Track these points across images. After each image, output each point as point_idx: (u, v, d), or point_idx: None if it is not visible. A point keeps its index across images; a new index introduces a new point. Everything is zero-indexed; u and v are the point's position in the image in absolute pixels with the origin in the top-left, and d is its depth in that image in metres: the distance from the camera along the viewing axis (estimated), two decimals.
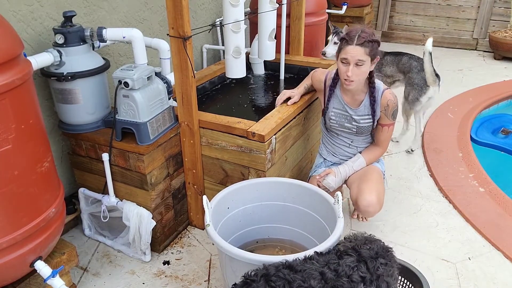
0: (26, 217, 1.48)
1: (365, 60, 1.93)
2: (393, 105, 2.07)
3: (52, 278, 1.58)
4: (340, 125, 2.16)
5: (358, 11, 5.28)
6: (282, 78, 2.88)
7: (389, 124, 2.13)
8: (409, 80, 2.98)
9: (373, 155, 2.21)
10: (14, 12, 1.94)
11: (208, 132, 2.11)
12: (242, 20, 2.02)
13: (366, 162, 2.20)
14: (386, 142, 2.20)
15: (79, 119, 2.02)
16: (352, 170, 2.19)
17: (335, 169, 2.19)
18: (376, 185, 2.10)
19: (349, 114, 2.11)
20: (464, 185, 2.72)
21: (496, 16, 5.52)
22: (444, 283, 2.01)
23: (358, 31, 1.93)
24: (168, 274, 2.08)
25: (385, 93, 2.06)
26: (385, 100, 2.05)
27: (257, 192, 1.99)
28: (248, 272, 1.34)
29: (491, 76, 4.70)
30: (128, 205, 2.07)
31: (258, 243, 2.11)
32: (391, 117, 2.10)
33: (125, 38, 1.94)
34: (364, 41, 1.90)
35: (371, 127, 2.13)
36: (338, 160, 2.27)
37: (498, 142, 3.33)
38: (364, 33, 1.92)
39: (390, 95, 2.06)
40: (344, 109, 2.12)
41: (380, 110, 2.08)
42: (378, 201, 2.06)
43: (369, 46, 1.92)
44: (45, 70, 1.91)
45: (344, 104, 2.11)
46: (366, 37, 1.90)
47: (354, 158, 2.22)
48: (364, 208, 2.05)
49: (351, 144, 2.20)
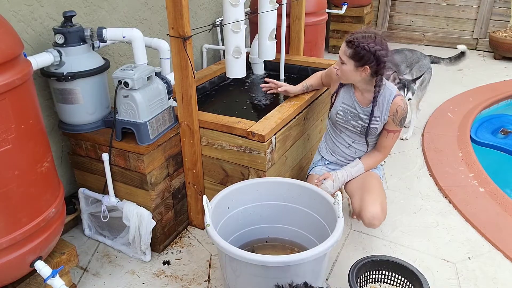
0: (26, 217, 1.48)
1: (345, 61, 1.91)
2: (402, 111, 2.01)
3: (52, 278, 1.58)
4: (346, 121, 2.11)
5: (358, 11, 5.28)
6: (282, 78, 2.88)
7: (394, 130, 2.07)
8: (420, 68, 3.29)
9: (372, 160, 2.16)
10: (14, 12, 1.94)
11: (208, 132, 2.11)
12: (242, 20, 2.02)
13: (365, 168, 2.15)
14: (388, 149, 2.14)
15: (79, 119, 2.02)
16: (350, 175, 2.15)
17: (333, 173, 2.15)
18: (379, 195, 2.05)
19: (357, 111, 2.07)
20: (464, 185, 2.72)
21: (496, 16, 5.52)
22: (444, 283, 2.01)
23: (361, 32, 1.88)
24: (168, 274, 2.08)
25: (396, 98, 1.99)
26: (395, 106, 1.99)
27: (257, 192, 1.99)
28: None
29: (491, 76, 4.69)
30: (128, 205, 2.07)
31: (258, 243, 2.11)
32: (398, 124, 2.04)
33: (125, 38, 1.94)
34: (353, 43, 1.85)
35: (376, 130, 2.07)
36: (335, 160, 2.24)
37: (497, 142, 3.33)
38: (363, 38, 1.85)
39: (401, 102, 2.00)
40: (354, 105, 2.07)
41: (389, 115, 2.02)
42: (383, 212, 2.00)
43: (352, 48, 1.86)
44: (45, 70, 1.91)
45: (354, 100, 2.07)
46: (357, 40, 1.85)
47: (353, 163, 2.17)
48: (369, 221, 1.98)
49: (350, 145, 2.17)
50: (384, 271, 1.90)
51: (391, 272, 1.89)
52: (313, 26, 3.45)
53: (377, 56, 1.86)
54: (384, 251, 2.21)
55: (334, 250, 2.21)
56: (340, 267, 2.10)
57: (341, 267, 2.10)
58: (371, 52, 1.85)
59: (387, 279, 1.91)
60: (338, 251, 2.21)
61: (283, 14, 2.75)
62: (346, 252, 2.21)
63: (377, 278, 1.92)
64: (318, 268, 1.67)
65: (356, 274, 1.79)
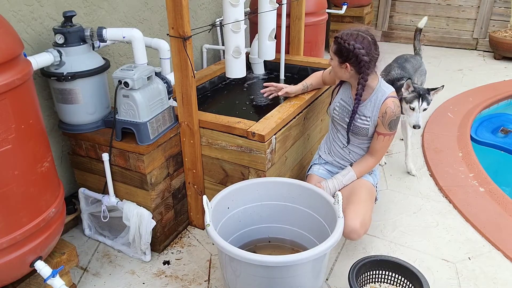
0: (26, 217, 1.48)
1: (332, 57, 1.99)
2: (391, 114, 1.98)
3: (52, 278, 1.58)
4: (341, 118, 2.12)
5: (358, 11, 5.28)
6: (282, 78, 2.88)
7: (384, 133, 2.03)
8: (421, 72, 3.22)
9: (364, 166, 2.12)
10: (14, 12, 1.94)
11: (208, 132, 2.11)
12: (242, 20, 2.02)
13: (357, 175, 2.12)
14: (380, 152, 2.10)
15: (79, 119, 2.02)
16: (342, 184, 2.11)
17: (324, 183, 2.12)
18: (363, 207, 1.98)
19: (351, 109, 2.07)
20: (464, 185, 2.72)
21: (496, 16, 5.52)
22: (444, 283, 2.01)
23: (348, 30, 1.92)
24: (168, 274, 2.08)
25: (388, 100, 1.98)
26: (385, 107, 1.97)
27: (257, 192, 1.99)
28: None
29: (491, 76, 4.70)
30: (128, 205, 2.07)
31: (258, 243, 2.11)
32: (387, 127, 2.01)
33: (125, 38, 1.94)
34: (336, 39, 1.93)
35: (367, 131, 2.05)
36: (332, 160, 2.23)
37: (497, 142, 3.33)
38: (346, 35, 1.90)
39: (391, 103, 1.97)
40: (349, 103, 2.08)
41: (378, 116, 2.01)
42: (362, 226, 1.91)
43: (336, 44, 1.94)
44: (45, 70, 1.91)
45: (350, 97, 2.08)
46: (342, 38, 1.90)
47: (345, 171, 2.13)
48: (347, 235, 1.93)
49: (345, 145, 2.15)
50: (384, 271, 1.90)
51: (391, 272, 1.89)
52: (313, 26, 3.45)
53: (356, 54, 1.88)
54: (384, 251, 2.21)
55: (334, 250, 2.21)
56: (340, 267, 2.11)
57: (341, 267, 2.10)
58: (349, 49, 1.89)
59: (387, 279, 1.91)
60: (338, 251, 2.21)
61: (283, 14, 2.75)
62: (346, 252, 2.21)
63: (377, 278, 1.92)
64: (318, 268, 1.67)
65: (356, 274, 1.79)
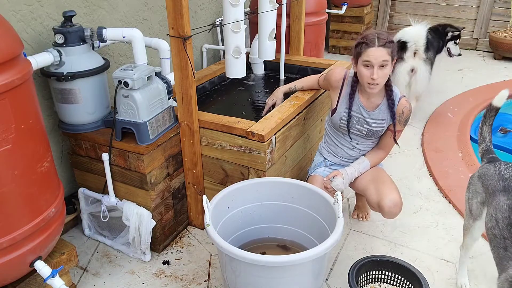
0: (26, 217, 1.48)
1: (389, 61, 1.94)
2: (408, 112, 2.07)
3: (52, 278, 1.58)
4: (351, 126, 2.13)
5: (358, 11, 5.29)
6: (282, 78, 2.88)
7: (398, 130, 2.13)
8: None
9: (377, 158, 2.21)
10: (14, 12, 1.94)
11: (208, 132, 2.11)
12: (242, 20, 2.02)
13: (371, 165, 2.20)
14: (391, 147, 2.20)
15: (79, 119, 2.02)
16: (358, 172, 2.17)
17: (342, 170, 2.16)
18: (394, 185, 2.11)
19: (362, 116, 2.09)
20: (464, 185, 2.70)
21: (496, 16, 5.52)
22: (444, 283, 2.01)
23: (375, 34, 1.93)
24: (168, 274, 2.08)
25: (402, 100, 2.06)
26: (402, 107, 2.05)
27: (257, 192, 1.99)
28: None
29: (491, 76, 4.70)
30: (128, 205, 2.07)
31: (258, 243, 2.11)
32: (403, 124, 2.11)
33: (125, 38, 1.94)
34: (385, 42, 1.91)
35: (382, 132, 2.12)
36: (339, 161, 2.25)
37: (496, 141, 3.33)
38: (381, 34, 1.93)
39: (406, 103, 2.07)
40: (359, 110, 2.09)
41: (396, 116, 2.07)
42: (401, 200, 2.05)
43: (390, 47, 1.92)
44: (45, 70, 1.91)
45: (360, 106, 2.09)
46: (386, 38, 1.91)
47: (360, 160, 2.20)
48: (389, 209, 2.02)
49: (355, 147, 2.18)
50: (384, 271, 1.90)
51: (391, 272, 1.89)
52: (313, 26, 3.45)
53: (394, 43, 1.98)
54: (384, 251, 2.21)
55: (334, 250, 2.21)
56: (340, 267, 2.11)
57: (341, 267, 2.10)
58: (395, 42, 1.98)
59: (387, 279, 1.91)
60: (338, 251, 2.21)
61: (283, 14, 2.75)
62: (346, 252, 2.21)
63: (377, 278, 1.92)
64: (318, 268, 1.67)
65: (356, 274, 1.79)
